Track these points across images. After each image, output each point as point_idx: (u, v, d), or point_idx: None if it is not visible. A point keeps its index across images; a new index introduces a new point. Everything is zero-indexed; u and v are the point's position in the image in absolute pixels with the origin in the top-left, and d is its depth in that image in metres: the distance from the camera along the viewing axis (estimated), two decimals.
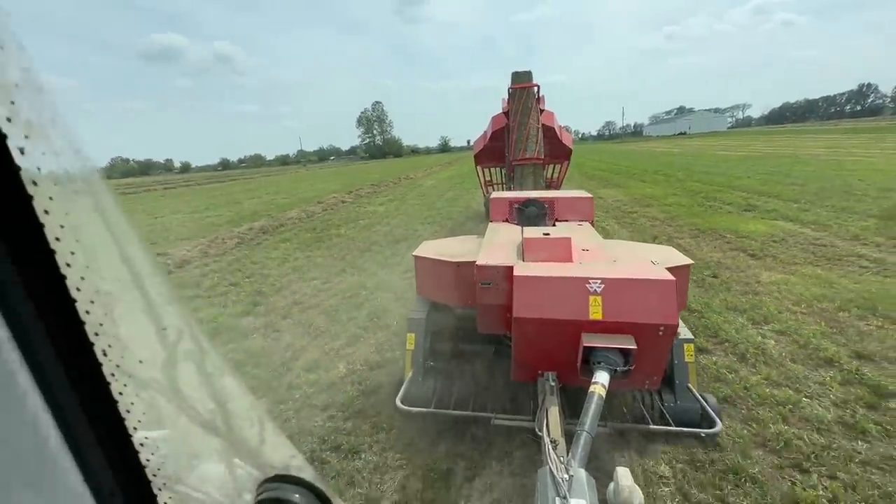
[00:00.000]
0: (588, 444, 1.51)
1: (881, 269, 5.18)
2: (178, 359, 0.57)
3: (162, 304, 0.56)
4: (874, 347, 3.48)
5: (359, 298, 5.39)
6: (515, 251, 2.62)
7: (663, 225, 8.52)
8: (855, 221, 7.51)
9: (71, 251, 0.45)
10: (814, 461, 2.41)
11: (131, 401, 0.51)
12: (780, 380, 3.16)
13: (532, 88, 6.97)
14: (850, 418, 2.72)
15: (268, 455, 0.67)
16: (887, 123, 63.94)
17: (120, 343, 0.49)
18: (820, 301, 4.42)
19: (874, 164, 15.79)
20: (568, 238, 2.52)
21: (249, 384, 3.54)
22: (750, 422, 2.76)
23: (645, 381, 2.14)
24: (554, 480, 1.32)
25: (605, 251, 2.59)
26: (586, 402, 1.68)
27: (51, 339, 0.44)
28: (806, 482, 2.28)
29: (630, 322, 1.92)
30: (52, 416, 0.44)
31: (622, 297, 1.95)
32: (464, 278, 2.59)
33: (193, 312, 5.22)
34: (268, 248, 8.61)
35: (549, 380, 2.12)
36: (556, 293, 2.02)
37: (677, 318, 1.95)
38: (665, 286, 1.93)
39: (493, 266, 2.31)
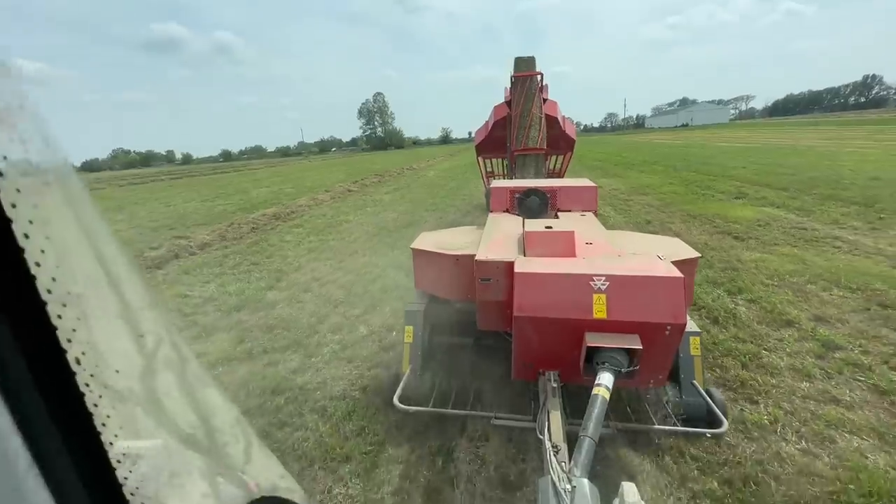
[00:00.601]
0: (591, 450, 1.46)
1: (852, 250, 5.64)
2: (158, 368, 0.54)
3: (140, 309, 0.53)
4: (831, 312, 3.96)
5: (372, 275, 5.87)
6: (516, 245, 2.54)
7: (657, 211, 8.97)
8: (837, 208, 7.95)
9: (41, 249, 0.42)
10: (763, 395, 2.90)
11: (107, 413, 0.47)
12: (745, 337, 3.65)
13: (535, 77, 6.72)
14: (799, 365, 3.20)
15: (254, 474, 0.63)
16: (890, 115, 63.80)
17: (95, 350, 0.46)
18: (791, 276, 4.88)
19: (868, 156, 16.14)
20: (571, 232, 2.42)
21: (282, 343, 4.04)
22: (714, 368, 3.25)
23: (650, 380, 2.09)
24: (556, 492, 1.26)
25: (609, 244, 2.51)
26: (589, 406, 1.62)
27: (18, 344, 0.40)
28: (754, 409, 2.77)
29: (636, 321, 1.85)
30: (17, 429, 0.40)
31: (628, 296, 1.88)
32: (463, 271, 2.53)
33: (221, 287, 5.72)
34: (282, 233, 9.10)
35: (550, 380, 2.06)
36: (559, 291, 1.94)
37: (685, 316, 1.86)
38: (673, 284, 1.86)
39: (493, 261, 2.24)
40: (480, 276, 2.27)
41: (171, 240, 8.27)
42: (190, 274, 6.41)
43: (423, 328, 2.86)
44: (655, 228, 7.54)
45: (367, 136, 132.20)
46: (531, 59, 6.85)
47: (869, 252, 5.50)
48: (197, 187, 23.37)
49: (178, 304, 5.16)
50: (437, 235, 3.17)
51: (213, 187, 22.45)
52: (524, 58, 6.84)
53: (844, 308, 4.03)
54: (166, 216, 12.21)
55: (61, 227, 0.45)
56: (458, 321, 3.16)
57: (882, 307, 3.97)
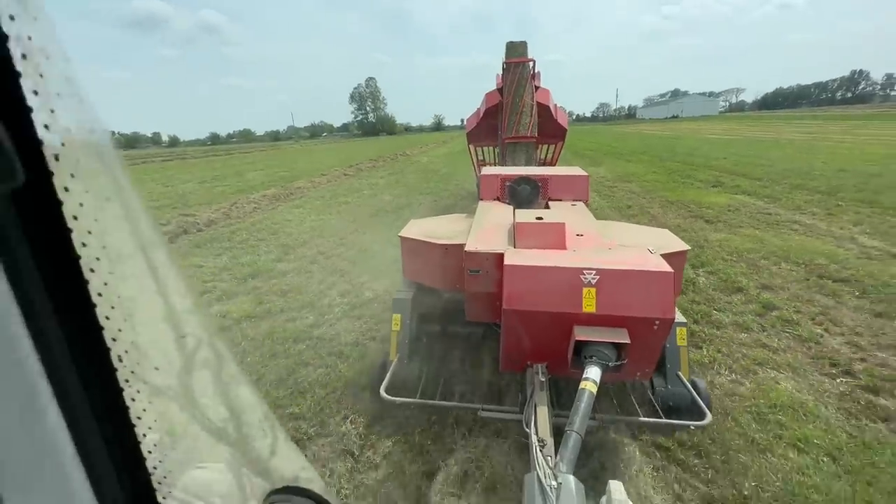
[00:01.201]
0: (577, 445, 1.47)
1: (807, 232, 6.28)
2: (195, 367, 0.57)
3: (183, 313, 0.57)
4: (777, 281, 4.58)
5: (373, 251, 6.37)
6: (506, 236, 2.52)
7: (638, 197, 9.56)
8: (802, 196, 8.61)
9: (97, 257, 0.45)
10: (707, 343, 3.50)
11: (143, 407, 0.50)
12: (701, 300, 4.25)
13: (527, 63, 6.61)
14: (741, 321, 3.81)
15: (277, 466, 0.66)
16: (873, 111, 65.22)
17: (137, 349, 0.49)
18: (749, 253, 5.50)
19: (843, 149, 16.92)
20: (562, 224, 2.40)
21: (297, 304, 4.55)
22: None
23: (636, 373, 2.11)
24: (541, 488, 1.27)
25: (600, 236, 2.50)
26: (577, 400, 1.62)
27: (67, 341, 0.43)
28: (697, 352, 3.36)
29: (624, 316, 1.85)
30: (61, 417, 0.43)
31: (617, 290, 1.88)
32: (451, 261, 2.51)
33: (233, 259, 6.18)
34: (283, 213, 9.52)
35: (538, 373, 2.06)
36: (549, 284, 1.93)
37: (674, 311, 1.87)
38: (662, 279, 1.87)
39: (483, 253, 2.23)
40: (469, 268, 2.25)
41: (179, 217, 8.65)
42: (201, 248, 6.85)
43: (410, 317, 2.82)
44: (635, 213, 8.13)
45: (358, 121, 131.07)
46: (523, 43, 6.76)
47: (821, 234, 6.14)
48: (190, 170, 23.43)
49: (196, 273, 5.62)
50: (426, 223, 3.12)
51: (208, 170, 22.56)
52: (516, 42, 6.77)
53: (788, 278, 4.65)
54: (167, 196, 12.50)
55: (117, 237, 0.48)
56: (446, 310, 3.14)
57: (819, 277, 4.60)
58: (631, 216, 7.85)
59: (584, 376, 1.72)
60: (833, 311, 3.90)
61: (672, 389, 2.48)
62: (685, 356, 2.56)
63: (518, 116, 6.66)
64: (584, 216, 2.97)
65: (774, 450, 2.37)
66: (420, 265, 2.76)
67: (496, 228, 2.66)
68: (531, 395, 2.00)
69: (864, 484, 2.13)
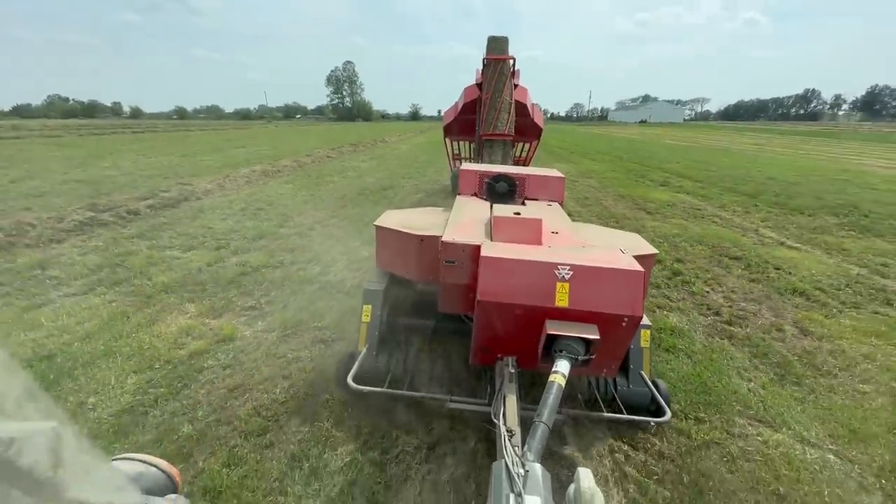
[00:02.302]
0: (545, 436, 1.50)
1: (723, 224, 7.67)
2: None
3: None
4: (688, 256, 5.85)
5: (364, 221, 7.27)
6: (483, 229, 2.56)
7: (595, 191, 10.85)
8: (730, 197, 10.13)
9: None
10: None
11: None
12: None
13: (508, 61, 6.64)
14: (653, 282, 5.00)
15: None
16: (818, 129, 70.57)
17: None
18: (673, 237, 6.79)
19: (781, 160, 19.01)
20: (539, 219, 2.48)
21: (304, 259, 5.43)
22: None
23: (603, 369, 2.16)
24: (509, 476, 1.29)
25: (574, 235, 2.57)
26: (545, 392, 1.66)
27: None
28: None
29: (595, 311, 1.90)
30: None
31: (590, 286, 1.92)
32: (427, 253, 2.53)
33: (238, 223, 6.94)
34: (275, 188, 10.21)
35: (508, 365, 2.10)
36: (524, 277, 1.97)
37: (642, 309, 1.95)
38: (633, 277, 1.93)
39: (460, 244, 2.25)
40: (445, 258, 2.27)
41: (177, 185, 9.21)
42: (205, 213, 7.54)
43: (382, 308, 2.80)
44: (591, 203, 9.37)
45: (334, 105, 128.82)
46: (504, 39, 6.79)
47: (733, 226, 7.54)
48: (166, 143, 23.21)
49: (208, 233, 6.38)
50: (402, 214, 3.12)
51: (185, 144, 22.47)
52: (497, 37, 6.76)
53: (697, 255, 5.94)
54: (153, 167, 12.82)
55: None
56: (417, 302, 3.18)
57: (720, 255, 5.91)
58: (587, 205, 9.09)
59: (553, 369, 1.76)
60: (722, 277, 5.18)
61: (634, 389, 2.58)
62: (648, 357, 2.67)
63: (496, 113, 6.73)
64: (560, 216, 3.06)
65: (654, 351, 3.53)
66: (394, 255, 2.78)
67: (473, 222, 2.70)
68: (500, 387, 2.03)
69: (703, 368, 3.31)
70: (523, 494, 1.21)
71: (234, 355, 3.30)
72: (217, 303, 4.15)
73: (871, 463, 2.43)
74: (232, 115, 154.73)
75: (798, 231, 7.28)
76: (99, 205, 7.14)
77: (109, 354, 3.24)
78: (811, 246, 6.47)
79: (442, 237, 2.31)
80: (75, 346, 3.34)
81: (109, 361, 3.16)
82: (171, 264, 5.09)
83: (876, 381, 3.19)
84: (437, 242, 2.33)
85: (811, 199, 9.93)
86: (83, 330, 3.57)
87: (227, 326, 3.68)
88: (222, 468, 2.25)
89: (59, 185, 9.61)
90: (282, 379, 3.01)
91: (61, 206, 7.40)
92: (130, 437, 2.46)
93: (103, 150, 18.30)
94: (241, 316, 3.92)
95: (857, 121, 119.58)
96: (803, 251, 6.20)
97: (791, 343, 3.72)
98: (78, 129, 31.82)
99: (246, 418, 2.62)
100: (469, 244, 2.23)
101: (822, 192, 10.87)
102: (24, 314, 3.82)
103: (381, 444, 2.44)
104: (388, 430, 2.54)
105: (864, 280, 5.12)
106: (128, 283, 4.52)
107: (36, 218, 6.32)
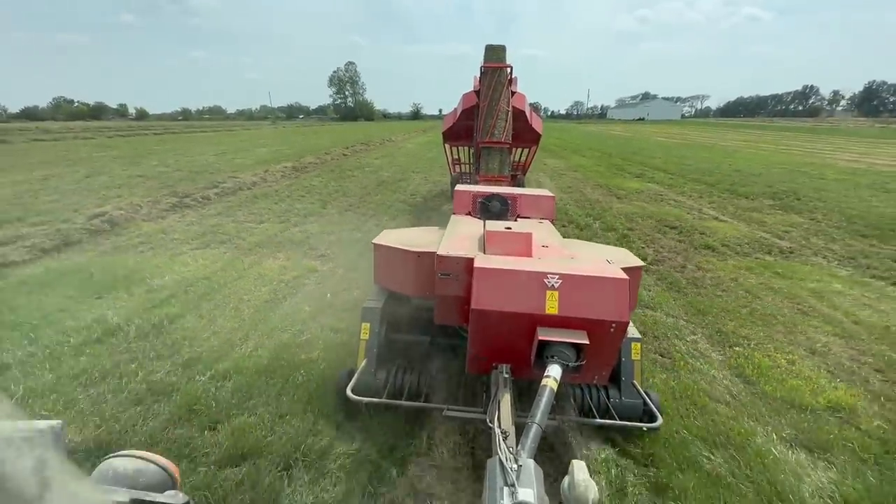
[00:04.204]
0: (538, 436, 1.54)
1: (676, 205, 9.50)
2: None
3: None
4: (638, 227, 7.69)
5: (386, 206, 9.13)
6: (477, 244, 2.67)
7: (578, 182, 12.68)
8: (692, 186, 11.95)
9: None
10: None
11: None
12: (590, 235, 7.27)
13: (504, 69, 6.80)
14: (606, 242, 6.84)
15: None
16: (812, 125, 72.13)
17: None
18: (632, 215, 8.62)
19: (758, 155, 20.78)
20: (529, 233, 2.59)
21: (350, 227, 7.28)
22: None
23: (594, 376, 2.24)
24: (503, 470, 1.34)
25: (563, 248, 2.68)
26: (538, 395, 1.72)
27: None
28: None
29: (584, 318, 1.99)
30: None
31: (578, 293, 2.01)
32: (423, 268, 2.61)
33: (290, 206, 8.79)
34: (307, 179, 12.11)
35: (503, 372, 2.17)
36: (515, 286, 2.05)
37: (628, 316, 2.03)
38: (619, 284, 2.03)
39: (454, 257, 2.35)
40: (440, 271, 2.36)
41: (229, 178, 11.09)
42: (259, 199, 9.41)
43: (380, 325, 2.89)
44: (573, 191, 11.20)
45: (336, 105, 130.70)
46: (502, 47, 6.92)
47: (684, 207, 9.37)
48: (190, 144, 25.13)
49: (271, 210, 8.25)
50: (400, 233, 3.23)
51: (209, 145, 24.40)
52: (495, 46, 6.91)
53: (645, 226, 7.78)
54: (196, 165, 14.70)
55: None
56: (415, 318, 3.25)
57: (663, 226, 7.74)
58: (569, 192, 10.93)
59: (545, 374, 1.83)
60: (658, 239, 7.01)
61: (626, 401, 2.69)
62: (639, 369, 2.78)
63: (493, 121, 6.94)
64: (550, 232, 3.18)
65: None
66: (392, 272, 2.88)
67: (467, 237, 2.84)
68: (495, 393, 2.09)
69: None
70: (517, 487, 1.25)
71: (319, 278, 5.15)
72: (296, 253, 6.01)
73: (702, 324, 4.27)
74: (235, 116, 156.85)
75: (734, 210, 9.10)
76: (178, 192, 9.03)
77: (242, 278, 5.10)
78: (738, 220, 8.30)
79: (437, 251, 2.42)
80: (218, 274, 5.20)
81: (244, 281, 5.01)
82: (252, 231, 6.96)
83: (731, 291, 5.02)
84: (433, 258, 2.43)
85: (762, 186, 11.73)
86: (217, 266, 5.43)
87: (309, 264, 5.54)
88: (330, 332, 4.09)
89: (127, 179, 11.50)
90: (355, 289, 4.86)
91: (143, 194, 9.27)
92: (277, 311, 4.30)
93: (138, 150, 20.22)
94: (316, 260, 5.78)
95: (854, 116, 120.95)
96: (729, 223, 8.03)
97: (687, 273, 5.56)
98: (106, 132, 33.88)
99: (340, 305, 4.47)
100: (463, 257, 2.33)
101: (775, 181, 12.67)
102: (171, 260, 5.68)
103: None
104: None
105: (763, 241, 6.95)
106: (230, 243, 6.39)
107: (137, 203, 8.19)
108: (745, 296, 4.87)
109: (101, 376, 3.15)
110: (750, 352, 3.73)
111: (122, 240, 6.44)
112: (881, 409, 3.07)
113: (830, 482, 2.41)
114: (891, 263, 5.88)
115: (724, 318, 4.35)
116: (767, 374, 3.42)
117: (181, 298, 4.50)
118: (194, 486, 2.24)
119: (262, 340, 3.73)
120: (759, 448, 2.63)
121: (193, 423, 2.72)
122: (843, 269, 5.77)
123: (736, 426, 2.82)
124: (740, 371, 3.47)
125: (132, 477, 0.71)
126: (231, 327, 3.93)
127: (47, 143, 23.66)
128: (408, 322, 3.25)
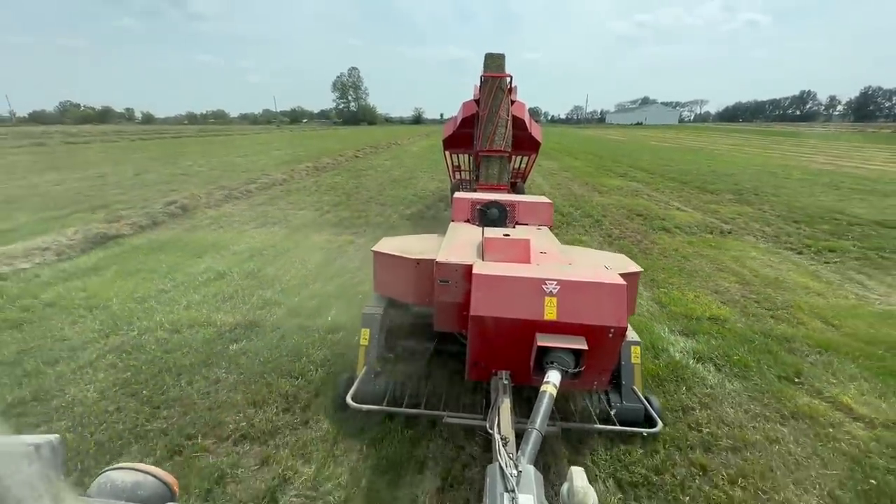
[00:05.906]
0: (538, 442, 1.55)
1: (649, 199, 11.10)
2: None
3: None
4: (611, 215, 9.28)
5: (399, 199, 10.74)
6: (475, 250, 2.71)
7: (567, 181, 14.29)
8: (668, 183, 13.55)
9: None
10: (562, 231, 8.09)
11: None
12: (571, 220, 8.85)
13: (504, 78, 6.86)
14: (580, 227, 8.42)
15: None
16: (806, 130, 73.72)
17: None
18: (609, 207, 10.20)
19: (739, 158, 22.38)
20: (527, 240, 2.64)
21: (374, 213, 8.88)
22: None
23: (594, 381, 2.25)
24: (503, 476, 1.34)
25: (561, 255, 2.73)
26: (537, 401, 1.73)
27: None
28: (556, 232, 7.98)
29: (582, 323, 2.01)
30: None
31: (576, 299, 2.04)
32: (423, 276, 2.64)
33: (318, 198, 10.40)
34: (329, 177, 13.76)
35: (502, 378, 2.20)
36: (514, 292, 2.07)
37: (626, 321, 2.05)
38: (617, 290, 2.05)
39: (453, 264, 2.37)
40: (439, 278, 2.40)
41: (262, 175, 12.73)
42: (293, 193, 11.03)
43: (379, 332, 2.92)
44: (561, 188, 12.80)
45: (339, 109, 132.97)
46: (501, 56, 6.98)
47: (655, 200, 10.96)
48: (211, 147, 26.87)
49: (304, 202, 9.87)
50: (399, 241, 3.27)
51: (230, 147, 26.18)
52: (494, 54, 6.97)
53: (617, 215, 9.37)
54: (226, 165, 16.37)
55: None
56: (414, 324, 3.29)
57: (632, 214, 9.34)
58: (558, 188, 12.53)
59: (545, 380, 1.86)
60: (625, 223, 8.59)
61: (627, 405, 2.71)
62: (639, 373, 2.80)
63: (493, 130, 6.96)
64: (548, 239, 3.21)
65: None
66: (392, 279, 2.91)
67: (466, 244, 2.86)
68: (495, 399, 2.11)
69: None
70: (517, 493, 1.26)
71: (357, 248, 6.75)
72: (335, 231, 7.61)
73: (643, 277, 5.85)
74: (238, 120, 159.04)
75: (697, 202, 10.70)
76: (225, 187, 10.66)
77: (299, 247, 6.70)
78: (697, 210, 9.89)
79: (436, 258, 2.43)
80: (280, 243, 6.80)
81: (301, 249, 6.60)
82: (295, 216, 8.58)
83: (670, 257, 6.60)
84: (432, 266, 2.44)
85: (730, 184, 13.31)
86: (276, 239, 7.04)
87: (348, 238, 7.14)
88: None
89: (172, 176, 13.15)
90: None
91: (196, 188, 10.89)
92: (332, 266, 5.88)
93: (167, 153, 21.95)
94: (352, 235, 7.38)
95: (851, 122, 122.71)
96: (688, 212, 9.63)
97: (642, 246, 7.15)
98: (124, 136, 35.73)
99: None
100: (462, 264, 2.36)
101: (743, 180, 14.25)
102: (240, 234, 7.28)
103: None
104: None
105: (711, 225, 8.54)
106: (281, 224, 8.00)
107: (197, 194, 9.81)
108: (680, 260, 6.46)
109: (230, 296, 4.76)
110: (669, 290, 5.32)
111: (195, 221, 8.07)
112: (747, 319, 4.65)
113: (690, 347, 4.00)
114: (804, 240, 7.47)
115: (660, 273, 5.93)
116: (677, 301, 5.00)
117: (259, 258, 6.10)
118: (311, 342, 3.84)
119: (328, 280, 5.33)
120: (656, 334, 4.21)
121: (302, 316, 4.34)
122: (766, 244, 7.36)
123: (647, 325, 4.40)
124: (658, 300, 5.06)
125: (130, 490, 0.70)
126: (303, 274, 5.53)
127: (78, 146, 25.39)
128: (408, 329, 3.30)
